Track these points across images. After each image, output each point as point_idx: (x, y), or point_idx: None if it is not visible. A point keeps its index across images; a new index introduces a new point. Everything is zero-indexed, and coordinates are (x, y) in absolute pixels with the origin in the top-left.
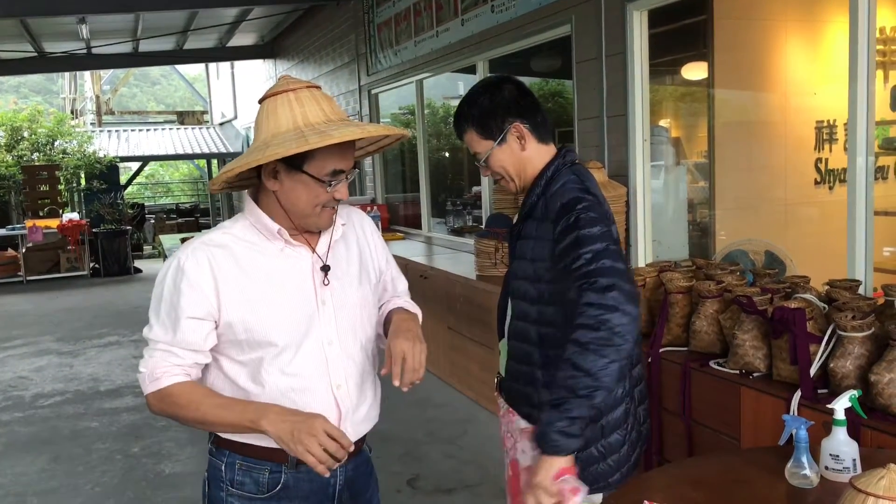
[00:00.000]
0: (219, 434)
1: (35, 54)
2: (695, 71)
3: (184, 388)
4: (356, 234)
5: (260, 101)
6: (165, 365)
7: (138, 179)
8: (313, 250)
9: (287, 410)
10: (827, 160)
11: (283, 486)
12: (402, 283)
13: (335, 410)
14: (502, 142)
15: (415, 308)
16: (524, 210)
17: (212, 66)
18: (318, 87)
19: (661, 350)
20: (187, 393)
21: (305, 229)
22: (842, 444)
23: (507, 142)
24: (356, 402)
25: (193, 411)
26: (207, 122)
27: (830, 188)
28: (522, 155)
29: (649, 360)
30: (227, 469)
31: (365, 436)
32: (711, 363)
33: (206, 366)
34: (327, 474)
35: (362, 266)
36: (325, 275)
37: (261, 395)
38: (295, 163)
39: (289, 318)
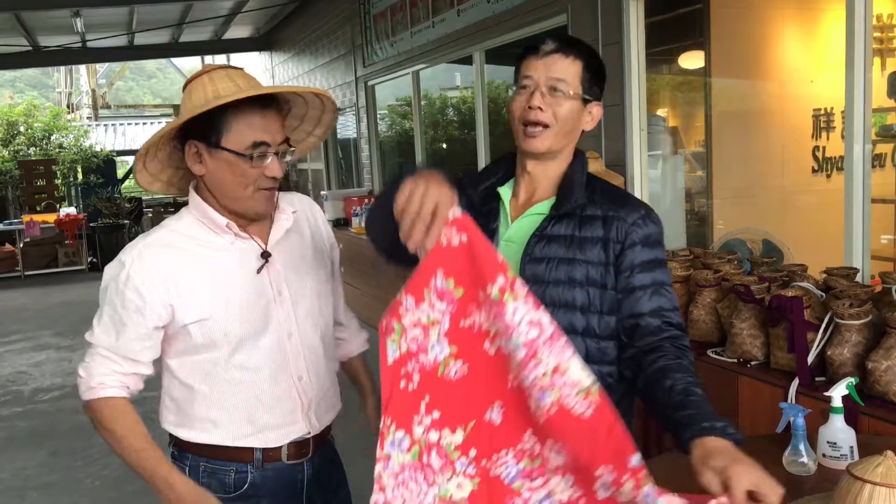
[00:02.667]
0: (182, 438)
1: (30, 48)
2: (691, 60)
3: (114, 407)
4: (308, 222)
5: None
6: (103, 372)
7: None
8: (266, 242)
9: (191, 491)
10: (824, 148)
11: (249, 485)
12: (343, 307)
13: (298, 403)
14: (587, 104)
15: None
16: (563, 205)
17: (207, 59)
18: (238, 69)
19: None
20: (114, 417)
21: (245, 216)
22: (839, 432)
23: (587, 109)
24: (318, 393)
25: (113, 439)
26: None
27: (828, 176)
28: (580, 131)
29: None
30: (191, 473)
31: (330, 426)
32: (709, 352)
33: (163, 370)
34: None
35: (316, 253)
36: (266, 261)
37: (218, 395)
38: (212, 140)
39: (245, 314)
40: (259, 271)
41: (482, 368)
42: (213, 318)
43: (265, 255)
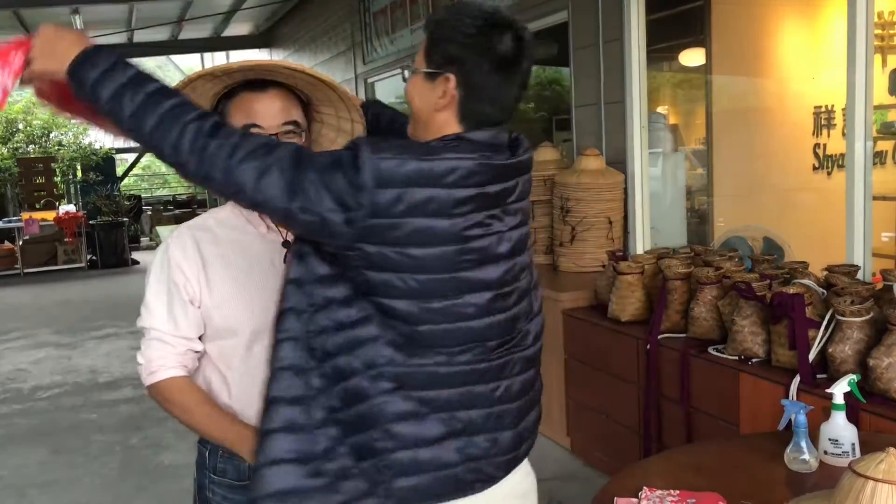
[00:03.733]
0: None
1: None
2: (692, 57)
3: (178, 386)
4: None
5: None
6: (160, 356)
7: (135, 171)
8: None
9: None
10: (825, 146)
11: None
12: None
13: None
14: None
15: None
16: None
17: (207, 56)
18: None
19: (659, 337)
20: (180, 393)
21: None
22: (841, 429)
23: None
24: None
25: (184, 415)
26: None
27: (829, 174)
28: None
29: (647, 347)
30: (211, 456)
31: None
32: (710, 349)
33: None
34: None
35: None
36: (287, 251)
37: (239, 382)
38: None
39: (264, 304)
40: (284, 261)
41: None
42: (231, 304)
43: (286, 245)
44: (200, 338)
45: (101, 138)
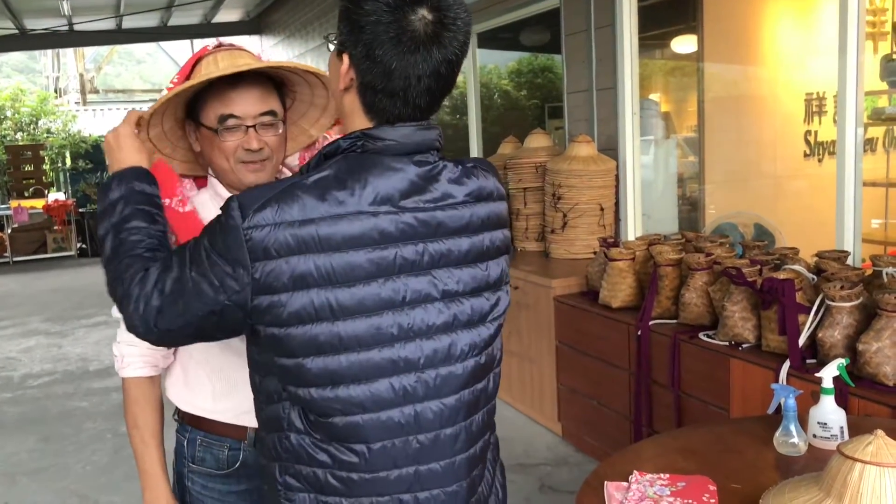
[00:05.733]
0: (183, 409)
1: (16, 31)
2: (684, 44)
3: (138, 389)
4: None
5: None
6: (130, 352)
7: None
8: None
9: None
10: (816, 133)
11: (241, 464)
12: None
13: None
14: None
15: None
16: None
17: (197, 43)
18: (242, 50)
19: (650, 323)
20: (137, 399)
21: (239, 189)
22: (829, 413)
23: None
24: None
25: (130, 422)
26: None
27: (819, 160)
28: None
29: (639, 332)
30: (189, 445)
31: None
32: (701, 335)
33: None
34: None
35: None
36: None
37: (218, 371)
38: (194, 115)
39: None
40: None
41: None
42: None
43: None
44: None
45: (89, 125)
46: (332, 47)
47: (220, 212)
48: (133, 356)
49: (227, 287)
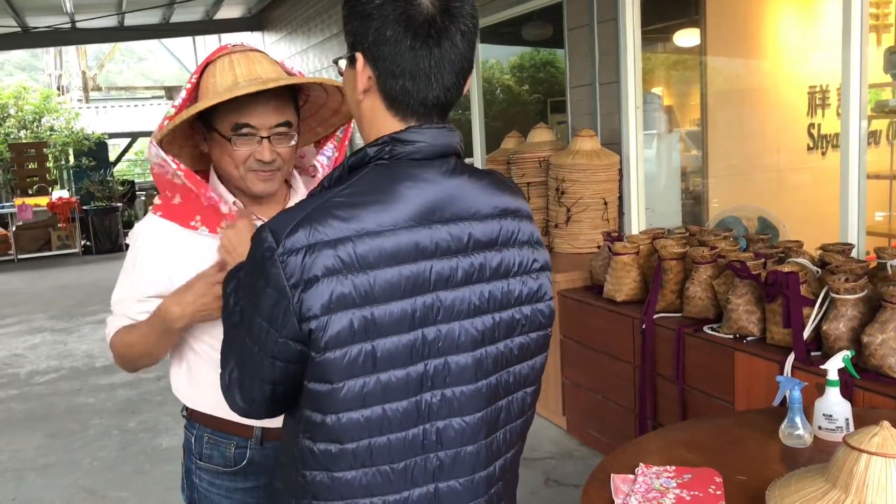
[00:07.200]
0: (189, 406)
1: (18, 29)
2: (687, 38)
3: (118, 333)
4: None
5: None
6: (116, 326)
7: (128, 156)
8: None
9: (178, 291)
10: (819, 125)
11: (248, 462)
12: None
13: None
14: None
15: None
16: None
17: (199, 40)
18: (258, 52)
19: (655, 316)
20: (118, 338)
21: (247, 195)
22: (834, 405)
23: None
24: None
25: (130, 349)
26: None
27: (823, 153)
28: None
29: (643, 326)
30: (196, 442)
31: None
32: (705, 328)
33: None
34: None
35: None
36: None
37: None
38: (208, 121)
39: None
40: None
41: None
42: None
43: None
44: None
45: (92, 123)
46: (342, 64)
47: (250, 245)
48: (119, 320)
49: (275, 322)
